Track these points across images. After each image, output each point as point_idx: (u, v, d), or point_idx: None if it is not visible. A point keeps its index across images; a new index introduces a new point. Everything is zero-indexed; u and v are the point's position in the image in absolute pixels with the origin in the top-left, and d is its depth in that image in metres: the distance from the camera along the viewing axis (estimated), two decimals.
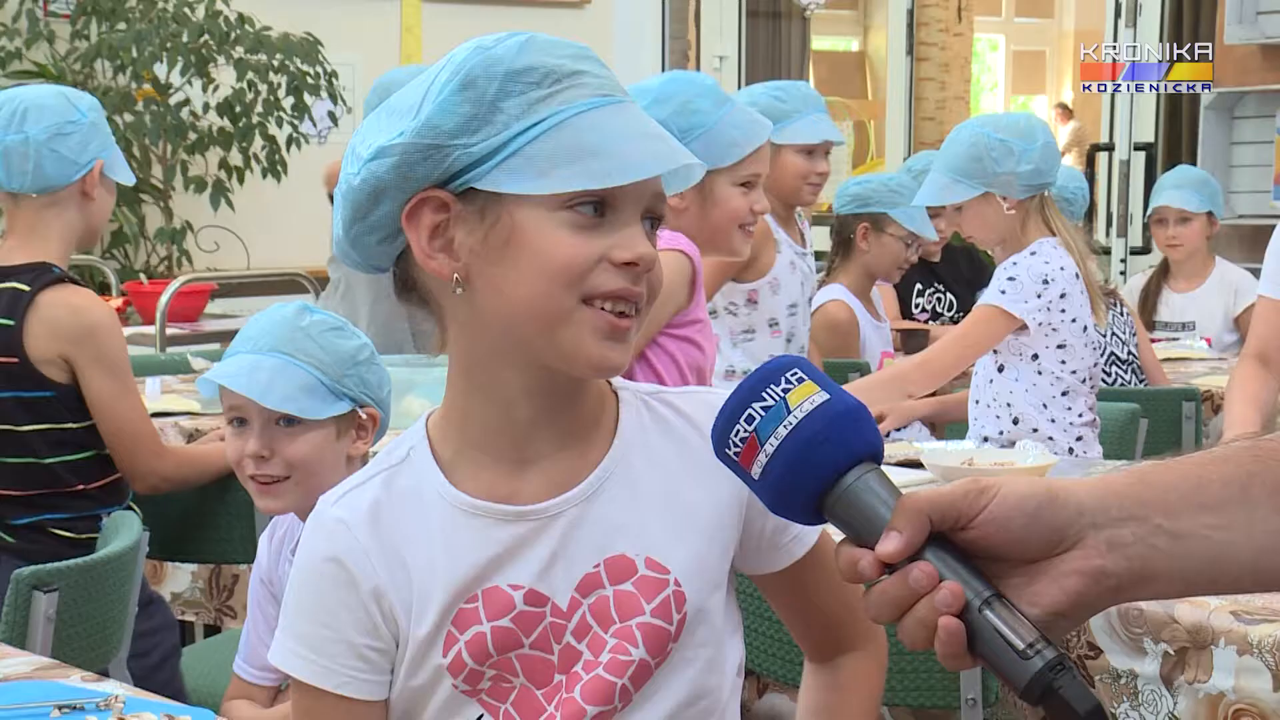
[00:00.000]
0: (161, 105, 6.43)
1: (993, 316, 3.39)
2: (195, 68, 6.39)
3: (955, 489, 1.02)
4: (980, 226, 3.45)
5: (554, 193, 1.26)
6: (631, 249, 1.28)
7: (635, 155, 1.27)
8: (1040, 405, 3.42)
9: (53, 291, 2.89)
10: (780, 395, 1.07)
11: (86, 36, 6.53)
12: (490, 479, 1.35)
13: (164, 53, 6.26)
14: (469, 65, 1.30)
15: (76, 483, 2.94)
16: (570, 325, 1.28)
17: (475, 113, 1.28)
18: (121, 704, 1.82)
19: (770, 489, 1.08)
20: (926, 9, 10.72)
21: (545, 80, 1.29)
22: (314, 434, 2.21)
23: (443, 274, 1.30)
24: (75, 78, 6.51)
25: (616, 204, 1.28)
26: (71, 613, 2.47)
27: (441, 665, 1.34)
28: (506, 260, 1.28)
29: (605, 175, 1.26)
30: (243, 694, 2.34)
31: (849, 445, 1.06)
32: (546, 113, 1.28)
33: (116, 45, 6.27)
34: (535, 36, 1.33)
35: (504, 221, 1.28)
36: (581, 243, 1.27)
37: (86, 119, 2.96)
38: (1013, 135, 3.37)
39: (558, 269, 1.27)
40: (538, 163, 1.27)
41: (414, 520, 1.35)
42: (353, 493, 1.37)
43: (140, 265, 6.68)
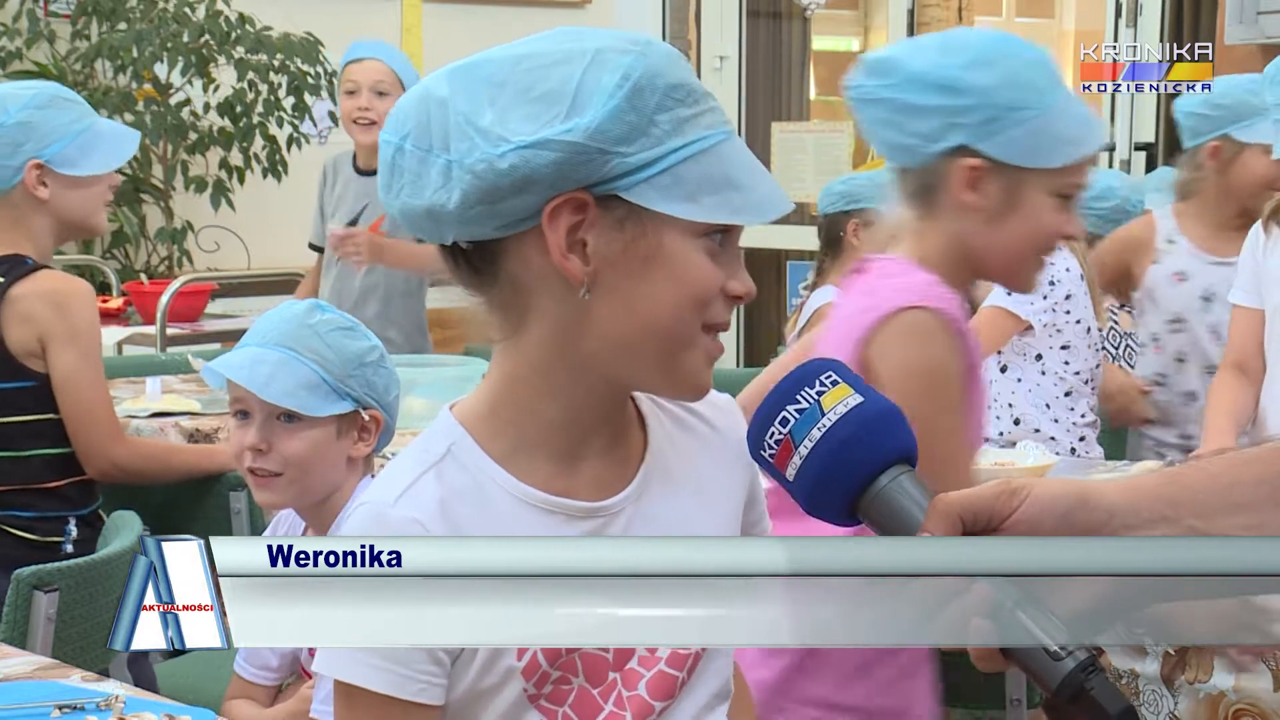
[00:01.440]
0: (162, 105, 6.43)
1: (998, 317, 3.39)
2: (196, 68, 6.39)
3: (986, 490, 1.03)
4: None
5: (703, 220, 1.27)
6: (745, 283, 1.31)
7: (766, 194, 1.29)
8: (1043, 405, 3.42)
9: (27, 281, 2.88)
10: (814, 398, 1.09)
11: (87, 36, 6.52)
12: (546, 475, 1.35)
13: (164, 53, 6.26)
14: (636, 71, 1.26)
15: (51, 478, 2.91)
16: (692, 350, 1.30)
17: (637, 122, 1.26)
18: (122, 704, 1.82)
19: (805, 491, 1.09)
20: (927, 9, 10.71)
21: (690, 99, 1.28)
22: (313, 431, 2.21)
23: (575, 276, 1.27)
24: (75, 78, 6.51)
25: (733, 236, 1.31)
26: (72, 612, 2.47)
27: (515, 668, 1.33)
28: (645, 276, 1.28)
29: (744, 211, 1.28)
30: (243, 693, 2.34)
31: (882, 447, 1.08)
32: (695, 135, 1.27)
33: (117, 45, 6.27)
34: (669, 47, 1.32)
35: (649, 238, 1.27)
36: (714, 269, 1.29)
37: (12, 120, 2.90)
38: None
39: (695, 294, 1.28)
40: (687, 186, 1.26)
41: (480, 515, 1.33)
42: (411, 490, 1.33)
43: (140, 265, 6.67)
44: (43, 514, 2.91)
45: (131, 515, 2.76)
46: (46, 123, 2.94)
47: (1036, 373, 3.42)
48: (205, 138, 6.55)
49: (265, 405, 2.20)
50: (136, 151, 6.47)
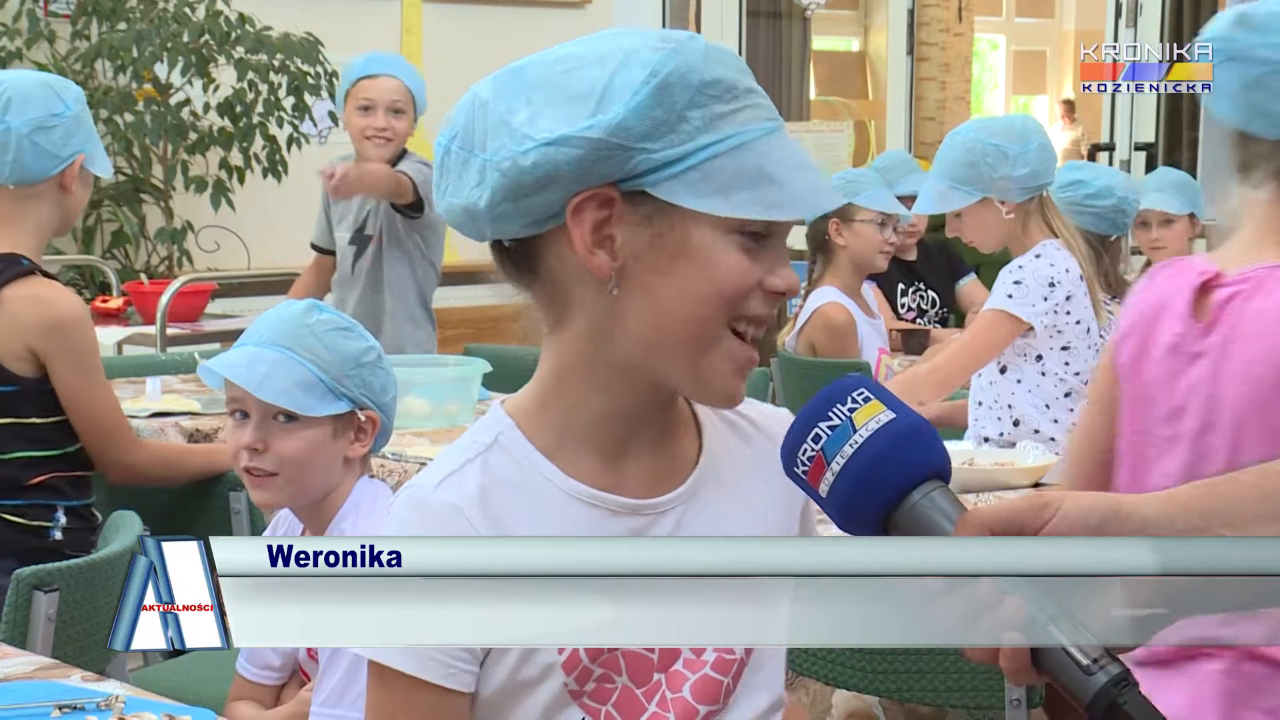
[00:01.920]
0: (162, 105, 6.43)
1: (999, 321, 3.39)
2: (196, 68, 6.39)
3: (1018, 504, 1.03)
4: (980, 231, 3.45)
5: (733, 216, 1.26)
6: (785, 278, 1.30)
7: (806, 189, 1.28)
8: (1043, 406, 3.42)
9: (19, 285, 2.86)
10: (846, 414, 1.09)
11: (87, 36, 6.53)
12: (592, 469, 1.35)
13: (164, 53, 6.26)
14: (665, 69, 1.27)
15: (31, 477, 2.91)
16: (714, 350, 1.29)
17: (665, 119, 1.26)
18: (122, 704, 1.82)
19: (838, 507, 1.10)
20: (927, 9, 10.72)
21: (727, 95, 1.28)
22: (309, 431, 2.21)
23: (602, 271, 1.28)
24: (75, 78, 6.50)
25: (775, 231, 1.29)
26: (72, 613, 2.47)
27: (555, 662, 1.33)
28: (672, 272, 1.28)
29: (780, 206, 1.27)
30: (246, 694, 2.34)
31: (914, 463, 1.08)
32: (729, 131, 1.27)
33: (117, 45, 6.27)
34: (712, 44, 1.31)
35: (676, 233, 1.27)
36: (747, 265, 1.28)
37: (71, 111, 2.92)
38: (1007, 139, 3.37)
39: (723, 289, 1.28)
40: (718, 181, 1.26)
41: (524, 506, 1.34)
42: (453, 477, 1.34)
43: (140, 265, 6.67)
44: (30, 502, 2.92)
45: (131, 515, 2.76)
46: (88, 119, 2.99)
47: (1036, 373, 3.42)
48: (205, 138, 6.56)
49: (262, 405, 2.20)
50: (137, 151, 6.53)
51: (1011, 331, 3.38)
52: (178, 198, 6.65)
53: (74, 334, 2.88)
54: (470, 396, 3.76)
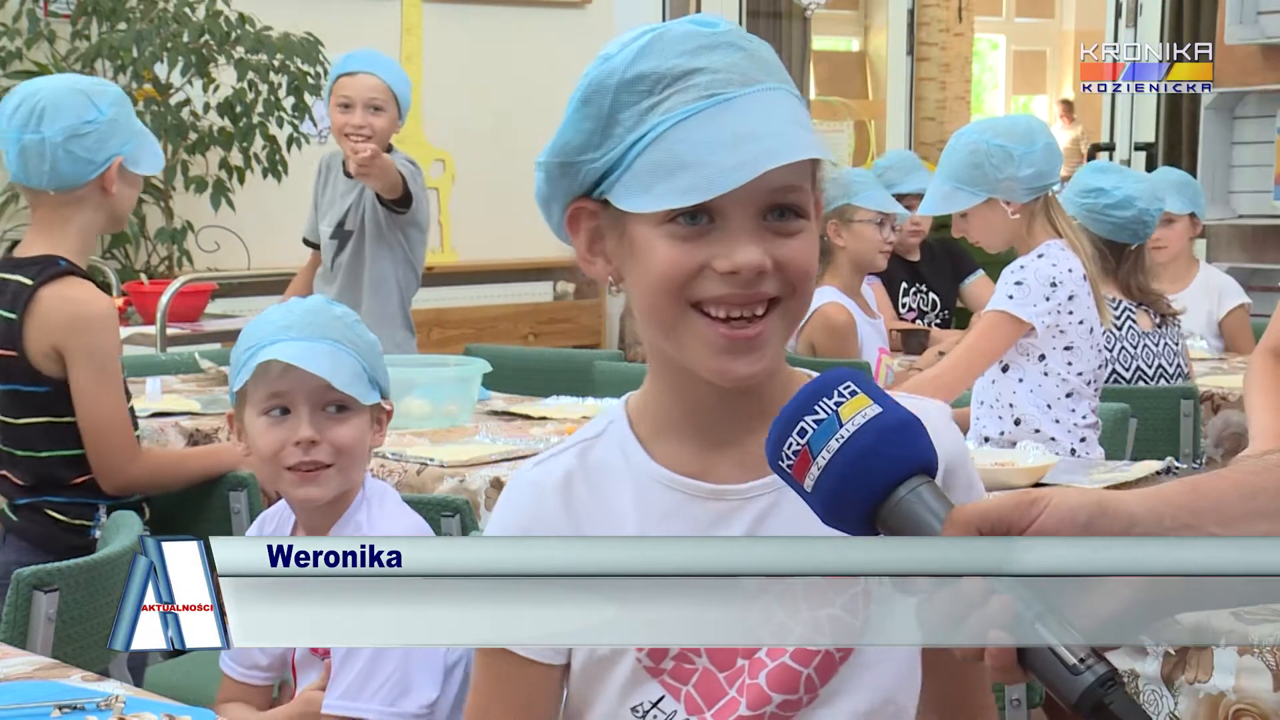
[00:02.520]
0: (162, 105, 6.43)
1: (1002, 322, 3.38)
2: (196, 68, 6.39)
3: (1006, 501, 1.02)
4: (986, 232, 3.45)
5: (653, 210, 1.27)
6: (730, 258, 1.28)
7: (724, 167, 1.25)
8: (1044, 406, 3.42)
9: (54, 285, 2.88)
10: (833, 408, 1.09)
11: (87, 36, 6.53)
12: (684, 456, 1.38)
13: (164, 53, 6.26)
14: (589, 78, 1.32)
15: (71, 477, 2.94)
16: (684, 335, 1.31)
17: (595, 127, 1.31)
18: (122, 704, 1.82)
19: (822, 502, 1.09)
20: (927, 9, 10.71)
21: (656, 87, 1.29)
22: (358, 420, 2.23)
23: (599, 276, 1.37)
24: None
25: (721, 210, 1.28)
26: (72, 612, 2.47)
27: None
28: (632, 269, 1.33)
29: (691, 191, 1.26)
30: (237, 695, 2.31)
31: (900, 459, 1.07)
32: (652, 122, 1.28)
33: (117, 45, 6.27)
34: (664, 34, 1.32)
35: (627, 233, 1.32)
36: (680, 253, 1.29)
37: (105, 116, 2.92)
38: (1011, 140, 3.37)
39: (656, 280, 1.30)
40: (642, 178, 1.28)
41: (608, 491, 1.39)
42: (549, 460, 1.42)
43: (140, 265, 6.67)
44: (72, 500, 2.95)
45: (131, 515, 2.76)
46: (127, 119, 2.99)
47: (1039, 373, 3.42)
48: (205, 138, 6.56)
49: (313, 397, 2.19)
50: None
51: (1013, 333, 3.38)
52: (178, 198, 6.65)
53: (94, 334, 2.89)
54: (470, 396, 3.76)
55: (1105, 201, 3.94)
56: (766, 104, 1.29)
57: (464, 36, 7.78)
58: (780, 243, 1.29)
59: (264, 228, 6.94)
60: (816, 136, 1.32)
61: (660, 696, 1.37)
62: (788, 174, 1.28)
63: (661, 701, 1.37)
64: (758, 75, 1.30)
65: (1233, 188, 7.07)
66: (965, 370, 3.44)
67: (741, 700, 1.36)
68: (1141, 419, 3.85)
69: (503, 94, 7.85)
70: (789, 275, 1.30)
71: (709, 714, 1.36)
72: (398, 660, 2.10)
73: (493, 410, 3.89)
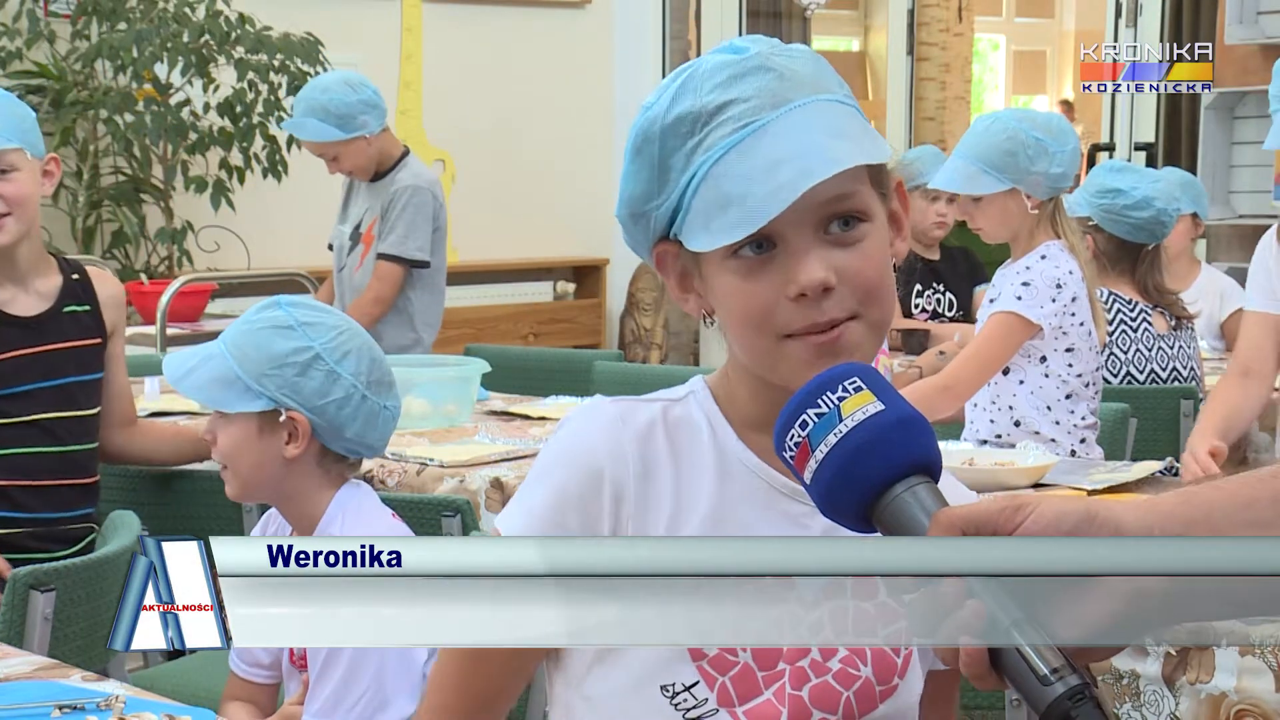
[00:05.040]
0: (162, 105, 6.42)
1: (1010, 324, 3.36)
2: (196, 68, 6.38)
3: (992, 504, 1.02)
4: (998, 221, 3.42)
5: (713, 247, 1.28)
6: (795, 281, 1.28)
7: (765, 194, 1.26)
8: (1044, 408, 3.41)
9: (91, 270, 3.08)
10: (835, 403, 1.09)
11: (87, 36, 6.52)
12: (768, 448, 1.35)
13: (164, 53, 6.25)
14: (636, 129, 1.34)
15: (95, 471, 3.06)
16: (781, 362, 1.31)
17: (651, 175, 1.33)
18: (122, 704, 1.82)
19: (819, 495, 1.09)
20: (927, 9, 10.70)
21: (695, 126, 1.31)
22: (233, 427, 2.25)
23: (693, 312, 1.38)
24: (75, 78, 6.51)
25: (779, 235, 1.29)
26: (69, 612, 2.47)
27: None
28: (718, 307, 1.34)
29: (739, 225, 1.27)
30: (241, 693, 2.31)
31: (897, 456, 1.07)
32: (699, 160, 1.30)
33: (117, 45, 6.26)
34: (695, 71, 1.33)
35: (705, 273, 1.34)
36: (753, 288, 1.29)
37: None
38: (1048, 135, 3.36)
39: (740, 318, 1.31)
40: (700, 218, 1.30)
41: (690, 452, 1.37)
42: (638, 404, 1.40)
43: (141, 265, 6.67)
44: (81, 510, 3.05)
45: (131, 515, 2.76)
46: None
47: (1040, 375, 3.41)
48: (205, 138, 6.55)
49: None
50: (137, 151, 6.53)
51: (1022, 334, 3.36)
52: (178, 198, 6.64)
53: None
54: (470, 396, 3.76)
55: (1123, 202, 3.93)
56: (800, 122, 1.29)
57: (464, 36, 7.78)
58: (844, 255, 1.29)
59: (264, 228, 6.94)
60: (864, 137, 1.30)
61: (695, 681, 1.36)
62: (833, 184, 1.27)
63: (695, 687, 1.36)
64: (789, 94, 1.30)
65: (1233, 188, 7.06)
66: (977, 374, 3.41)
67: (783, 711, 1.35)
68: (1141, 419, 3.84)
69: (503, 94, 7.85)
70: (858, 288, 1.29)
71: (740, 710, 1.36)
72: (374, 674, 2.08)
73: (492, 410, 3.89)
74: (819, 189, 1.25)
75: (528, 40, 7.93)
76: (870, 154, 1.29)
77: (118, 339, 3.07)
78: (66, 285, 2.98)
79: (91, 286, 3.02)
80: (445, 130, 7.78)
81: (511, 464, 3.24)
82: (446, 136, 7.80)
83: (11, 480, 2.90)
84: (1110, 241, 3.97)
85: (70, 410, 2.94)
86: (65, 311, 2.96)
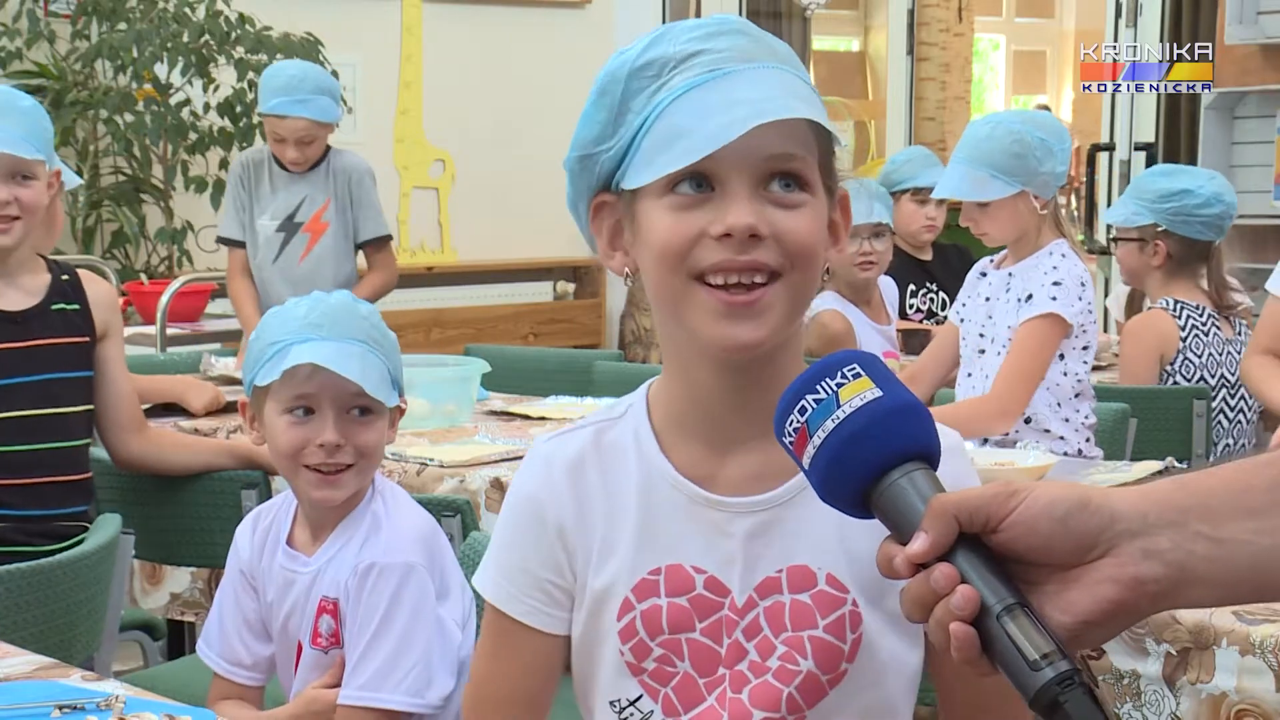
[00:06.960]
0: (162, 105, 6.43)
1: (1046, 328, 3.32)
2: (196, 68, 6.38)
3: (985, 491, 1.02)
4: (1006, 224, 3.40)
5: (653, 180, 1.29)
6: (723, 220, 1.28)
7: (714, 127, 1.26)
8: (1055, 405, 3.40)
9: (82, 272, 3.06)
10: (833, 389, 1.09)
11: (87, 36, 6.52)
12: (693, 457, 1.38)
13: (164, 53, 6.26)
14: (604, 71, 1.34)
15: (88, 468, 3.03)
16: (687, 307, 1.31)
17: (609, 118, 1.33)
18: (122, 704, 1.82)
19: (817, 480, 1.10)
20: (927, 9, 10.70)
21: (663, 70, 1.31)
22: (380, 423, 2.22)
23: (617, 270, 1.38)
24: (75, 78, 6.51)
25: (719, 177, 1.29)
26: (13, 617, 2.39)
27: (613, 626, 1.37)
28: (641, 252, 1.34)
29: (685, 154, 1.27)
30: (232, 694, 2.28)
31: (894, 443, 1.08)
32: (656, 102, 1.30)
33: (117, 45, 6.27)
34: (675, 25, 1.34)
35: (635, 216, 1.34)
36: (679, 222, 1.30)
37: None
38: (1051, 135, 3.36)
39: (659, 251, 1.31)
40: (646, 155, 1.30)
41: (615, 475, 1.40)
42: (565, 435, 1.43)
43: (140, 265, 6.67)
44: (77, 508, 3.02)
45: (114, 517, 2.73)
46: None
47: (1058, 373, 3.39)
48: (205, 138, 6.55)
49: (339, 400, 2.17)
50: (137, 151, 6.53)
51: (1061, 334, 3.33)
52: (178, 198, 6.64)
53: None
54: (469, 396, 3.76)
55: (1193, 202, 3.91)
56: (766, 78, 1.30)
57: (464, 36, 7.78)
58: (779, 213, 1.30)
59: None
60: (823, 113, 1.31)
61: (638, 695, 1.38)
62: (785, 141, 1.29)
63: (639, 700, 1.38)
64: (761, 55, 1.31)
65: (1233, 188, 7.05)
66: (1025, 383, 3.34)
67: (724, 714, 1.36)
68: (1142, 419, 3.84)
69: (503, 94, 7.85)
70: (787, 246, 1.29)
71: (685, 718, 1.37)
72: (421, 652, 2.11)
73: (492, 410, 3.89)
74: (768, 141, 1.27)
75: (528, 40, 7.93)
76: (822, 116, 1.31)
77: (113, 341, 3.04)
78: (55, 284, 2.98)
79: (81, 287, 3.01)
80: (445, 130, 7.78)
81: (511, 464, 3.24)
82: (446, 136, 7.80)
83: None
84: (1180, 244, 3.95)
85: (51, 407, 2.92)
86: (53, 309, 2.96)
